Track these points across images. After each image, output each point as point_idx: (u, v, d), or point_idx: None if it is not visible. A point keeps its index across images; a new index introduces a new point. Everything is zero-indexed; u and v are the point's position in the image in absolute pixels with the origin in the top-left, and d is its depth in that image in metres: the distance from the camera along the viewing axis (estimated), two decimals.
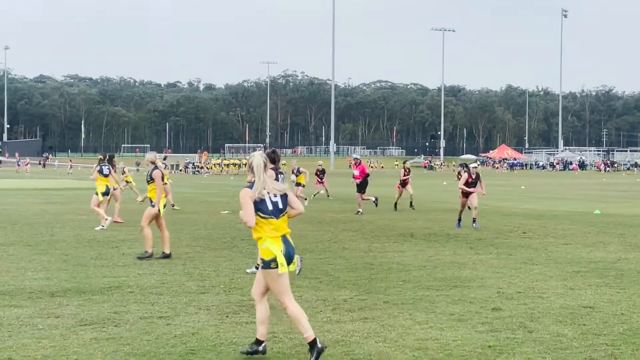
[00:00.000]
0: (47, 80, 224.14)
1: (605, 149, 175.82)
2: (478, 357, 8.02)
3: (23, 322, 9.68)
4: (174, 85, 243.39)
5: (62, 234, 20.33)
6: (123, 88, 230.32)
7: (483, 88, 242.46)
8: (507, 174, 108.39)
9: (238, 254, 16.61)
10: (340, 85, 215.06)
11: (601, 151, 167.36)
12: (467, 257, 16.19)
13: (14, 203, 33.72)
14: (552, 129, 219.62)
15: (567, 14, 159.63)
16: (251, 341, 8.40)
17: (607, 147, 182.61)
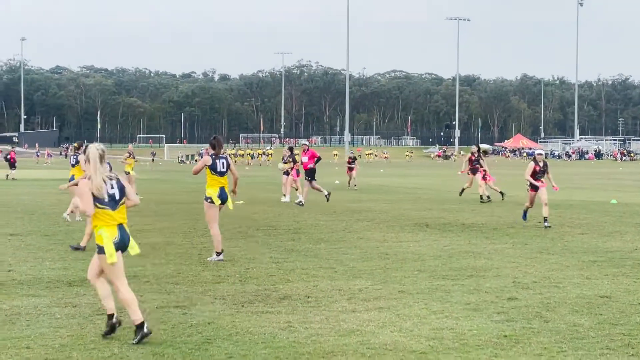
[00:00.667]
0: (63, 71, 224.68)
1: (622, 138, 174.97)
2: (494, 347, 8.00)
3: (41, 311, 9.74)
4: (189, 75, 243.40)
5: (79, 224, 20.38)
6: (138, 79, 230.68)
7: (498, 77, 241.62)
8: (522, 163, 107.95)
9: (253, 243, 16.64)
10: (354, 75, 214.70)
11: (617, 140, 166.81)
12: (482, 246, 16.16)
13: (31, 193, 33.90)
14: (567, 118, 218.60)
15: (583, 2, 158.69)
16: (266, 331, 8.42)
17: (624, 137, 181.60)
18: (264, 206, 26.94)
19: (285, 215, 23.42)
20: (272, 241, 17.05)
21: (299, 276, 12.39)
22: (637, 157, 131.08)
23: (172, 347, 7.97)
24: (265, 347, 8.00)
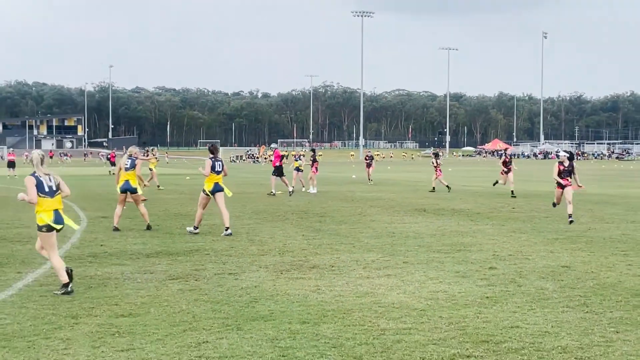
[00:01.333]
0: (141, 90, 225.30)
1: (577, 142, 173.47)
2: (478, 306, 7.95)
3: (126, 276, 9.78)
4: (238, 93, 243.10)
5: (155, 209, 20.44)
6: (199, 96, 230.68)
7: (480, 94, 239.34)
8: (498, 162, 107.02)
9: (289, 224, 16.61)
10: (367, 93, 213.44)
11: (574, 144, 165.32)
12: (468, 227, 16.05)
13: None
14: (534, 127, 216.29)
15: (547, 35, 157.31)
16: (300, 292, 8.42)
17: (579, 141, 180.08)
18: (297, 195, 26.91)
19: (314, 202, 23.38)
20: (303, 223, 17.02)
21: (325, 250, 12.36)
22: (589, 157, 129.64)
23: (227, 305, 7.97)
24: (299, 305, 7.98)
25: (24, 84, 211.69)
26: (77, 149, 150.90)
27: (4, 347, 6.26)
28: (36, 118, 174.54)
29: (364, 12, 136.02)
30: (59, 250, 12.20)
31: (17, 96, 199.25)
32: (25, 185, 8.95)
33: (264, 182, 37.77)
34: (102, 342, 6.46)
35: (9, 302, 8.12)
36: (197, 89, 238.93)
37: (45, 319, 7.29)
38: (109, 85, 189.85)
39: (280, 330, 6.83)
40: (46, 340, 6.52)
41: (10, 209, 20.60)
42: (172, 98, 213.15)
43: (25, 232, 15.00)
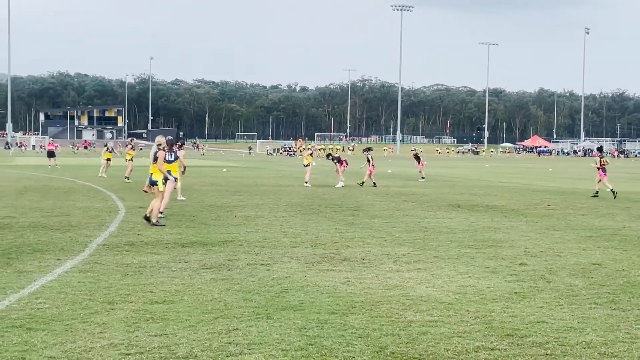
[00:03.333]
0: (181, 83, 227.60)
1: (619, 139, 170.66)
2: (506, 300, 8.01)
3: (161, 265, 10.01)
4: (277, 87, 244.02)
5: (190, 200, 20.79)
6: (238, 89, 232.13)
7: (520, 90, 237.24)
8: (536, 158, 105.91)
9: (322, 217, 16.77)
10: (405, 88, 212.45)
11: (615, 141, 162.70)
12: (501, 223, 16.03)
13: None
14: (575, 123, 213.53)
15: (589, 31, 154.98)
16: (330, 284, 8.58)
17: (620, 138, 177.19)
18: (331, 189, 27.06)
19: (348, 196, 23.50)
20: (337, 216, 17.16)
21: (357, 243, 12.49)
22: (630, 155, 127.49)
23: (258, 294, 8.15)
24: (329, 296, 8.11)
25: (66, 74, 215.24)
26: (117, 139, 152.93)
27: (43, 330, 6.52)
28: (77, 109, 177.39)
29: (403, 6, 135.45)
30: (99, 238, 12.55)
31: (59, 87, 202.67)
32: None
33: (299, 175, 38.01)
34: (136, 327, 6.69)
35: (49, 287, 8.41)
36: (236, 82, 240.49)
37: (82, 304, 7.55)
38: (149, 77, 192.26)
39: (308, 320, 6.99)
40: (83, 324, 6.77)
41: (50, 198, 21.10)
42: (211, 90, 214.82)
43: (65, 220, 15.40)
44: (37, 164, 51.53)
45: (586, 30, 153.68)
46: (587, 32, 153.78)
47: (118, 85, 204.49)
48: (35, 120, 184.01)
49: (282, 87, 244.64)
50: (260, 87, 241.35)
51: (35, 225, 14.33)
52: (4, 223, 14.70)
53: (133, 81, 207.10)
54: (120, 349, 6.01)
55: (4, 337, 6.28)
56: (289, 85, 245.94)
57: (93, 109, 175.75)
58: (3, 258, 10.38)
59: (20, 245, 11.69)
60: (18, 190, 24.12)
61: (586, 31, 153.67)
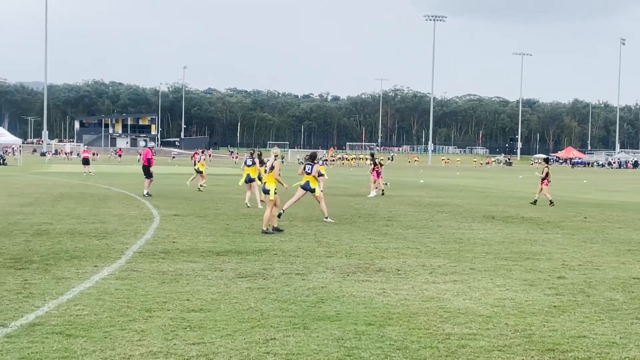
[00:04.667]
0: (214, 92, 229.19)
1: None
2: (545, 314, 7.89)
3: (197, 273, 10.04)
4: (308, 96, 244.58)
5: (224, 209, 20.89)
6: (270, 98, 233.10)
7: (554, 101, 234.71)
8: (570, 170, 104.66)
9: (356, 227, 16.72)
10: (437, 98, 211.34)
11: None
12: (537, 235, 15.84)
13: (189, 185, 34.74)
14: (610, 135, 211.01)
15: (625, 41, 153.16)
16: (366, 295, 8.53)
17: None
18: (364, 198, 26.98)
19: (381, 206, 23.42)
20: (370, 226, 17.10)
21: (392, 254, 12.42)
22: None
23: (294, 304, 8.13)
24: (365, 307, 8.07)
25: (101, 83, 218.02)
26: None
27: (82, 337, 6.57)
28: (112, 117, 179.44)
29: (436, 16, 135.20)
30: (135, 245, 12.64)
31: (95, 95, 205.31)
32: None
33: (332, 185, 38.01)
34: (174, 335, 6.71)
35: (87, 293, 8.49)
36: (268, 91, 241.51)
37: (120, 311, 7.60)
38: (183, 86, 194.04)
39: (346, 331, 6.95)
40: (121, 331, 6.81)
41: (87, 205, 21.34)
42: (243, 99, 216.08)
43: (101, 227, 15.56)
44: (72, 171, 52.20)
45: (622, 41, 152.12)
46: (622, 42, 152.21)
47: (152, 94, 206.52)
48: (71, 127, 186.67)
49: (313, 96, 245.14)
50: (292, 96, 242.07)
51: (72, 232, 14.49)
52: (42, 229, 14.89)
53: (167, 90, 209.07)
54: (159, 357, 6.03)
55: (44, 344, 6.34)
56: (320, 94, 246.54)
57: (127, 117, 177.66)
58: (41, 264, 10.50)
59: (57, 251, 11.82)
60: (54, 197, 24.44)
61: (622, 42, 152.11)
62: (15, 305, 7.79)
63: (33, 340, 6.43)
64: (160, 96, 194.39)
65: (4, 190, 27.66)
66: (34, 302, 7.96)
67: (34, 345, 6.28)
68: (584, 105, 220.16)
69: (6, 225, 15.48)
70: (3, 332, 6.66)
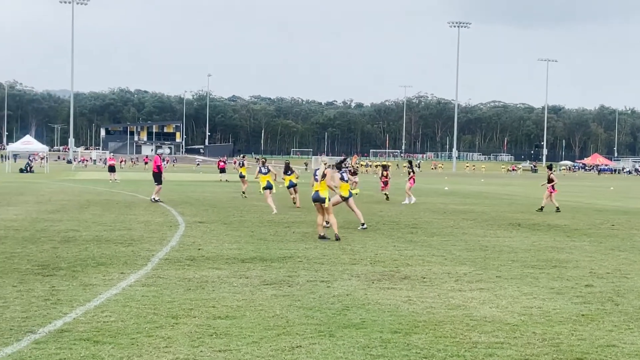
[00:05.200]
0: (238, 99, 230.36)
1: None
2: (573, 323, 7.81)
3: (222, 280, 10.07)
4: (332, 103, 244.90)
5: (249, 216, 20.95)
6: (293, 106, 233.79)
7: (580, 107, 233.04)
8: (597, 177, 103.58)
9: (380, 235, 16.68)
10: (462, 105, 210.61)
11: None
12: (564, 243, 15.69)
13: (213, 192, 34.93)
14: (637, 142, 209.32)
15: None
16: (391, 302, 8.49)
17: None
18: (388, 205, 26.91)
19: (405, 213, 23.34)
20: (395, 233, 17.05)
21: (417, 261, 12.37)
22: None
23: (319, 312, 8.13)
24: (390, 315, 8.04)
25: (126, 91, 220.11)
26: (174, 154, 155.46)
27: (110, 343, 6.62)
28: (137, 124, 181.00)
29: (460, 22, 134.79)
30: (161, 252, 12.71)
31: (120, 103, 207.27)
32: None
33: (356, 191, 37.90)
34: (200, 342, 6.73)
35: (113, 300, 8.55)
36: (292, 98, 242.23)
37: (147, 318, 7.64)
38: (207, 93, 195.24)
39: (371, 339, 6.92)
40: (148, 338, 6.84)
41: (113, 212, 21.52)
42: (267, 107, 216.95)
43: (127, 234, 15.67)
44: (98, 178, 52.68)
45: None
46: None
47: (177, 101, 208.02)
48: (97, 135, 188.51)
49: (337, 103, 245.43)
50: (316, 103, 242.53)
51: (98, 239, 14.62)
52: (69, 236, 15.03)
53: (191, 97, 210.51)
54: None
55: (72, 350, 6.39)
56: (344, 101, 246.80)
57: (152, 125, 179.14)
58: (69, 271, 10.60)
59: (84, 258, 11.93)
60: (81, 204, 24.67)
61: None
62: (43, 311, 7.87)
63: (61, 346, 6.49)
64: (185, 104, 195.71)
65: (31, 198, 27.99)
66: (61, 308, 8.03)
67: (61, 351, 6.34)
68: (611, 112, 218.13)
69: (34, 232, 15.66)
70: (31, 339, 6.73)
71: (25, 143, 71.38)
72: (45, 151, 77.14)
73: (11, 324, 7.28)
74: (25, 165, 67.09)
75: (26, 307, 8.05)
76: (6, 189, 34.76)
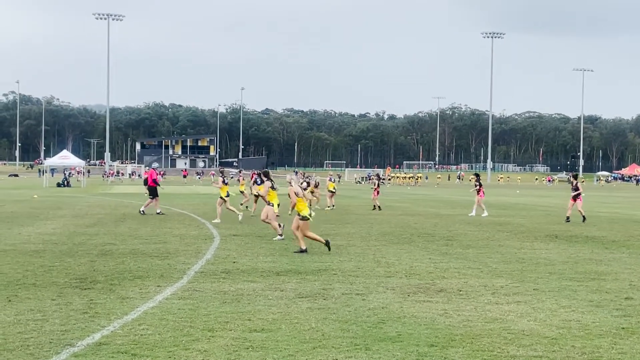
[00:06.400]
0: (271, 112, 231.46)
1: None
2: (613, 336, 7.69)
3: (258, 293, 10.10)
4: (365, 115, 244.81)
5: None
6: (326, 118, 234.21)
7: (616, 117, 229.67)
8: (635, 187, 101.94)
9: (415, 247, 16.60)
10: (496, 115, 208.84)
11: None
12: (603, 255, 15.46)
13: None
14: None
15: None
16: (427, 315, 8.44)
17: None
18: (422, 217, 26.78)
19: (440, 225, 23.20)
20: (430, 246, 16.95)
21: (452, 274, 12.29)
22: None
23: (355, 325, 8.10)
24: (427, 328, 7.99)
25: (161, 105, 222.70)
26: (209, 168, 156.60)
27: (147, 356, 6.67)
28: (172, 138, 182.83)
29: (494, 33, 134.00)
30: (196, 265, 12.80)
31: (155, 117, 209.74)
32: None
33: (390, 204, 37.88)
34: (237, 355, 6.75)
35: (150, 313, 8.63)
36: (324, 111, 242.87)
37: (183, 331, 7.69)
38: (240, 107, 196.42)
39: (408, 352, 6.89)
40: (185, 351, 6.89)
41: (148, 226, 21.73)
42: (300, 120, 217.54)
43: (162, 247, 15.82)
44: (133, 192, 53.24)
45: None
46: None
47: (210, 115, 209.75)
48: (132, 149, 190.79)
49: (370, 115, 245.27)
50: (349, 115, 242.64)
51: (134, 252, 14.77)
52: (106, 250, 15.22)
53: (225, 111, 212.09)
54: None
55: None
56: (377, 113, 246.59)
57: (187, 139, 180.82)
58: (106, 284, 10.73)
59: (121, 271, 12.06)
60: (117, 218, 24.97)
61: None
62: (81, 324, 7.97)
63: (99, 359, 6.57)
64: (219, 117, 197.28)
65: (69, 212, 28.40)
66: (99, 321, 8.13)
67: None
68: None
69: (71, 246, 15.88)
70: (70, 352, 6.82)
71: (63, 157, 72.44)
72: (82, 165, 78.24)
73: (50, 337, 7.39)
74: (63, 179, 68.15)
75: (65, 321, 8.16)
76: (44, 203, 35.33)
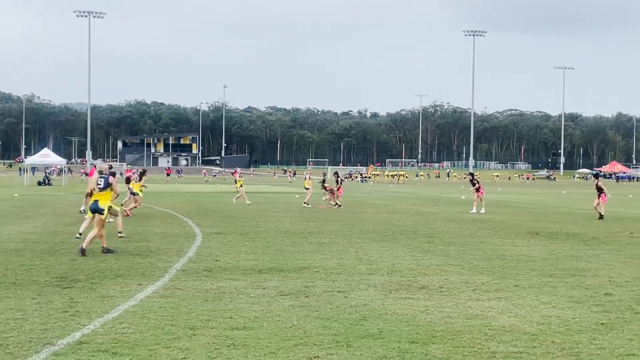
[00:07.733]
0: (253, 110, 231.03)
1: None
2: (592, 332, 7.75)
3: (239, 291, 10.09)
4: (347, 113, 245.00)
5: (265, 227, 20.97)
6: (309, 116, 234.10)
7: (597, 115, 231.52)
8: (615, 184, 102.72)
9: (397, 244, 16.65)
10: (478, 113, 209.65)
11: None
12: (583, 251, 15.58)
13: (229, 203, 34.98)
14: None
15: None
16: (409, 312, 8.47)
17: None
18: (405, 215, 26.86)
19: (422, 222, 23.29)
20: (412, 243, 17.01)
21: (434, 271, 12.33)
22: None
23: (336, 322, 8.11)
24: (408, 325, 8.02)
25: (143, 103, 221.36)
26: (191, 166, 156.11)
27: (128, 355, 6.65)
28: (154, 136, 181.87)
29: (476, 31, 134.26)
30: (178, 264, 12.75)
31: (137, 115, 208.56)
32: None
33: (372, 202, 37.95)
34: (218, 352, 6.74)
35: (131, 312, 8.59)
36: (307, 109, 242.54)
37: (165, 329, 7.67)
38: (223, 105, 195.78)
39: (389, 349, 6.91)
40: (166, 349, 6.87)
41: (130, 224, 21.62)
42: (283, 117, 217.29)
43: (144, 245, 15.75)
44: None
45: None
46: None
47: (193, 113, 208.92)
48: (114, 147, 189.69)
49: (352, 113, 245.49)
50: (332, 113, 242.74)
51: (116, 251, 14.67)
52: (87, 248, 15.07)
53: (207, 109, 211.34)
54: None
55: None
56: (359, 111, 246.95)
57: (169, 137, 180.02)
58: (87, 283, 10.66)
59: (102, 270, 12.00)
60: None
61: None
62: (62, 323, 7.92)
63: (79, 358, 6.53)
64: (201, 115, 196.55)
65: (49, 210, 28.19)
66: (80, 320, 8.08)
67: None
68: (628, 119, 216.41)
69: (52, 245, 15.77)
70: (51, 351, 6.77)
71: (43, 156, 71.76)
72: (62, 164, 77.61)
73: (30, 335, 7.34)
74: (43, 177, 67.60)
75: (45, 319, 8.11)
76: (24, 201, 35.05)
